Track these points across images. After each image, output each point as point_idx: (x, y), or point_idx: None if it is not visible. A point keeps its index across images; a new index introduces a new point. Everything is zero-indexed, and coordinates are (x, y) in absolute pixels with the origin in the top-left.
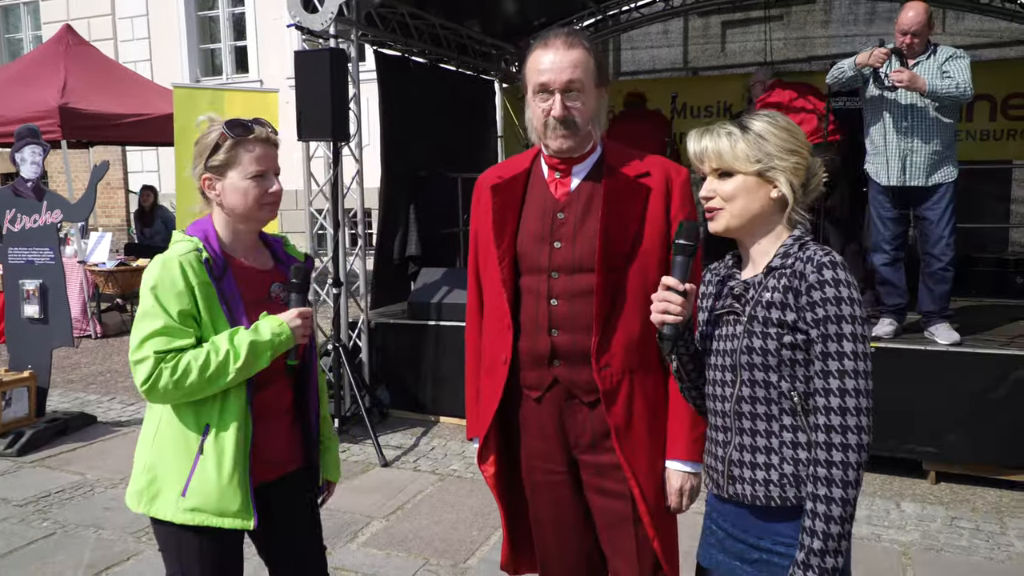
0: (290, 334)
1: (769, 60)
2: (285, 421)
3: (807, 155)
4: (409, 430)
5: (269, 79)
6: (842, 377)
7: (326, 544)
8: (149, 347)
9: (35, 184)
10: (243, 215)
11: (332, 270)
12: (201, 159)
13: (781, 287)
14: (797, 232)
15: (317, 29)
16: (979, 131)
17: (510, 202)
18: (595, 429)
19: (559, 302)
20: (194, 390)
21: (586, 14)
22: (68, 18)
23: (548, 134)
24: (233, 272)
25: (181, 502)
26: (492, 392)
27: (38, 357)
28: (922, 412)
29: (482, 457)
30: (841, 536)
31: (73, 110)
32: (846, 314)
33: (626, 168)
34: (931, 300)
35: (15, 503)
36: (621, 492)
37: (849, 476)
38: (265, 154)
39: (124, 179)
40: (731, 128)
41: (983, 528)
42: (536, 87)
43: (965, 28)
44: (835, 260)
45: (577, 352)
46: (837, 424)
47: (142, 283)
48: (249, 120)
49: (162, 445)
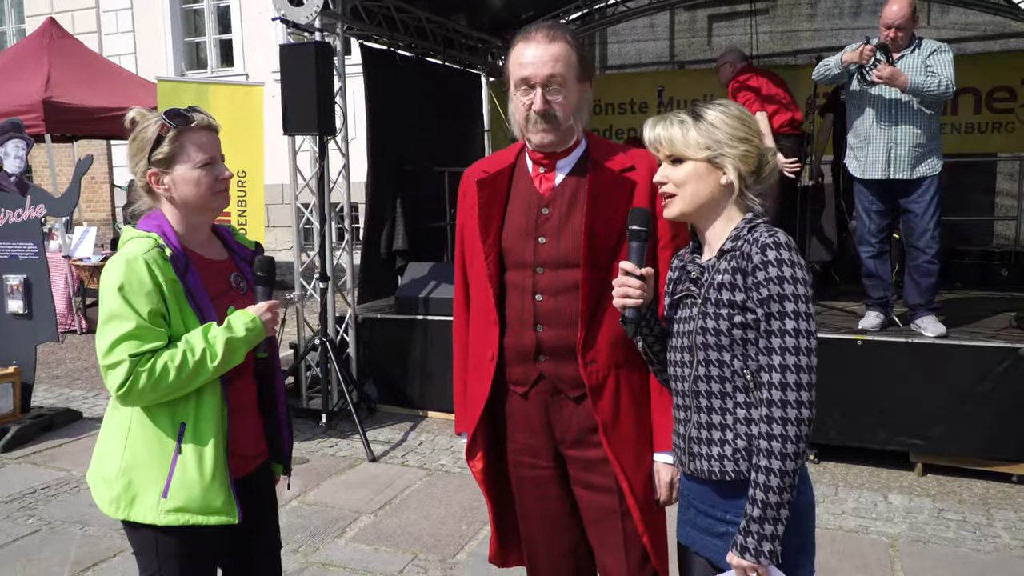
0: (262, 327)
1: (755, 54)
2: (252, 414)
3: (757, 143)
4: (397, 425)
5: (254, 72)
6: (783, 354)
7: (315, 539)
8: (122, 351)
9: (18, 179)
10: (198, 206)
11: (319, 265)
12: (143, 154)
13: (731, 268)
14: (750, 215)
15: (302, 23)
16: (964, 124)
17: (495, 197)
18: (581, 424)
19: (544, 297)
20: (171, 391)
21: (572, 7)
22: (52, 11)
23: (530, 128)
24: (195, 266)
25: (163, 503)
26: (480, 388)
27: (22, 353)
28: (909, 404)
29: (470, 453)
30: (780, 505)
31: (57, 104)
32: (788, 293)
33: (610, 162)
34: (917, 293)
35: (0, 500)
36: (608, 486)
37: (788, 449)
38: (209, 141)
39: (109, 173)
40: (684, 116)
41: (970, 520)
42: (518, 81)
43: (950, 22)
44: (779, 240)
45: (562, 348)
46: (778, 399)
47: (104, 283)
48: (186, 108)
49: (135, 448)
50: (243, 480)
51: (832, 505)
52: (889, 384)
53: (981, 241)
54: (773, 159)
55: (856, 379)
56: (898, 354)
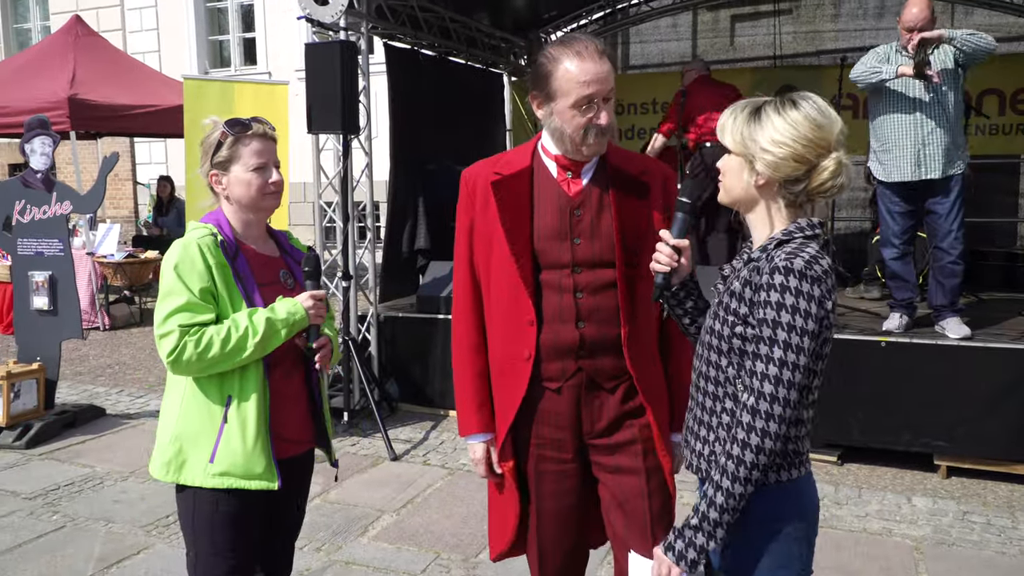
0: (304, 314)
1: (778, 54)
2: (299, 401)
3: (806, 155)
4: (418, 424)
5: (277, 71)
6: (762, 380)
7: (338, 538)
8: (173, 321)
9: (44, 175)
10: (249, 205)
11: (341, 263)
12: (207, 157)
13: (743, 279)
14: (792, 227)
15: (327, 22)
16: (988, 125)
17: (519, 199)
18: (611, 414)
19: (584, 295)
20: (216, 362)
21: (596, 7)
22: (77, 8)
23: (588, 140)
24: (245, 255)
25: (209, 468)
26: (513, 389)
27: (47, 349)
28: (933, 406)
29: (503, 455)
30: (717, 524)
31: (82, 101)
32: (784, 321)
33: (628, 166)
34: (941, 294)
35: (24, 496)
36: (635, 467)
37: (740, 472)
38: (264, 148)
39: (132, 170)
40: (750, 107)
41: (994, 522)
42: (581, 99)
43: (974, 23)
44: (791, 266)
45: (604, 342)
46: (746, 421)
47: (163, 264)
48: (247, 119)
49: (188, 416)
50: (284, 461)
51: (856, 507)
52: (913, 386)
53: (1005, 243)
54: (835, 167)
55: (880, 381)
56: (922, 356)
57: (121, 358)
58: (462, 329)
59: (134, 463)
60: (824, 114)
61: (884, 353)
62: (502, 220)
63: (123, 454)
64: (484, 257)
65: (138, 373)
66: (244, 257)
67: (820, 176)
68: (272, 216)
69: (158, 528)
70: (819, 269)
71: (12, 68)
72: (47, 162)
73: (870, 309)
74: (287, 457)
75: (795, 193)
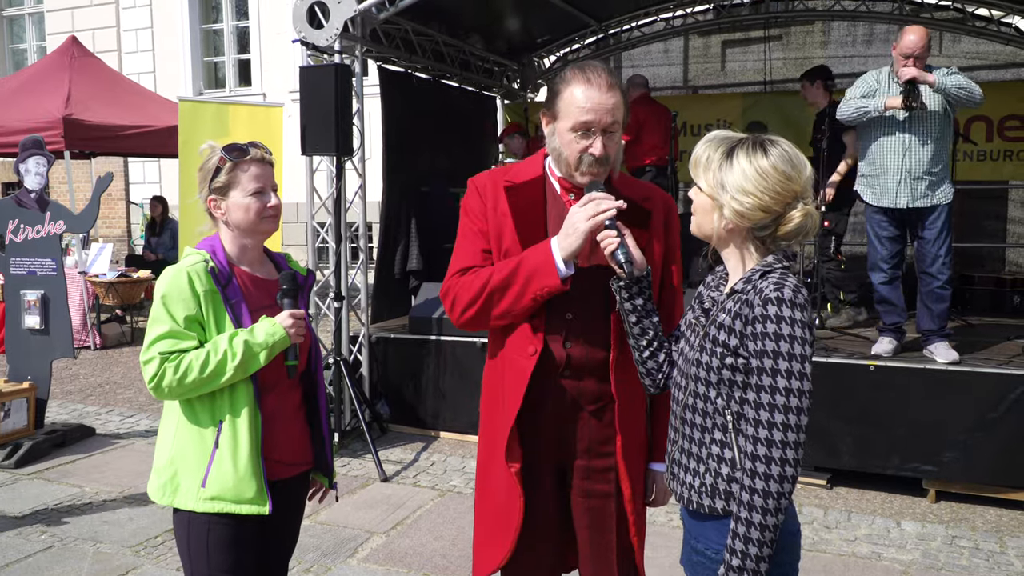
0: (284, 334)
1: (768, 79)
2: (295, 423)
3: (773, 207)
4: (408, 445)
5: (272, 92)
6: (772, 411)
7: (327, 559)
8: (155, 349)
9: (38, 195)
10: (247, 229)
11: (333, 284)
12: (205, 183)
13: (733, 312)
14: (770, 259)
15: (322, 45)
16: (976, 152)
17: (535, 208)
18: (592, 436)
19: (574, 316)
20: (196, 386)
21: (588, 32)
22: (73, 29)
23: (581, 168)
24: (238, 280)
25: (201, 492)
26: (517, 384)
27: (38, 368)
28: (922, 430)
29: (510, 454)
30: (759, 558)
31: (77, 121)
32: (784, 351)
33: (631, 193)
34: (929, 319)
35: (12, 516)
36: (607, 492)
37: (769, 504)
38: (261, 172)
39: (125, 190)
40: (724, 146)
41: (983, 547)
42: (577, 124)
43: (962, 51)
44: (782, 296)
45: (589, 364)
46: (763, 454)
47: (155, 292)
48: (245, 143)
49: (182, 441)
50: (278, 483)
51: (845, 531)
52: (902, 410)
53: (993, 268)
54: (802, 218)
55: (869, 405)
56: (911, 380)
57: (112, 377)
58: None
59: (123, 483)
60: (793, 163)
61: (873, 377)
62: (515, 222)
63: (112, 474)
64: (495, 254)
65: (128, 393)
66: (237, 282)
67: (787, 226)
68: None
69: (147, 549)
70: (803, 297)
71: (8, 88)
72: (41, 182)
73: (859, 333)
74: (282, 479)
75: (762, 238)
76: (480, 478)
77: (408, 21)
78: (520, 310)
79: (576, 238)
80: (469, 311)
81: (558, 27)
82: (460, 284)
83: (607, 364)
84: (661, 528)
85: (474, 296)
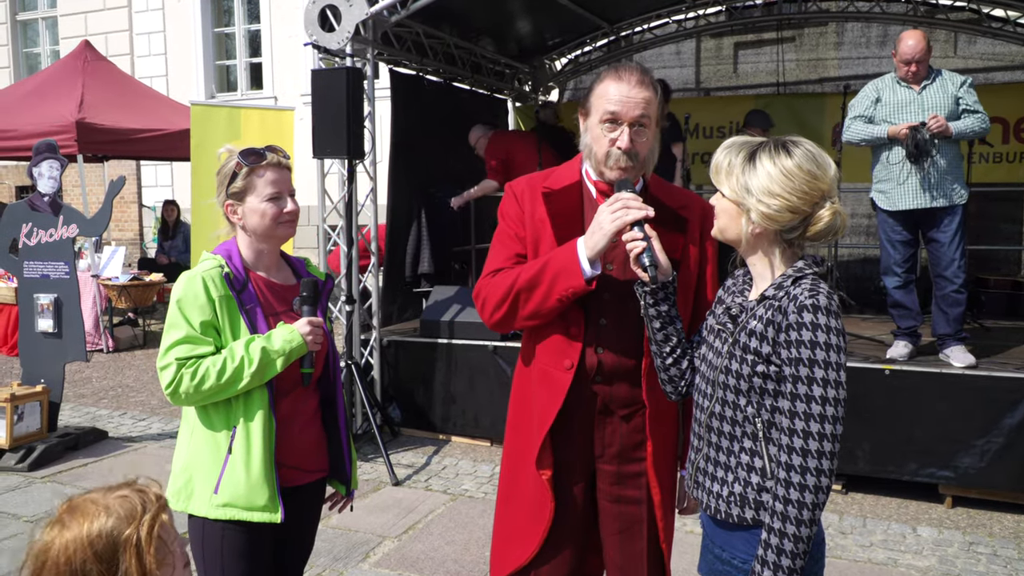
0: (301, 341)
1: (781, 81)
2: (311, 429)
3: (801, 207)
4: (420, 448)
5: (283, 96)
6: (807, 419)
7: (339, 563)
8: (172, 355)
9: (52, 199)
10: (264, 234)
11: (345, 287)
12: (222, 188)
13: (766, 319)
14: (800, 264)
15: (334, 48)
16: (992, 154)
17: (571, 213)
18: (624, 441)
19: (607, 322)
20: (213, 392)
21: (599, 34)
22: (86, 33)
23: (609, 163)
24: (254, 286)
25: (214, 499)
26: (552, 396)
27: (51, 371)
28: (938, 435)
29: (541, 461)
30: (792, 570)
31: (90, 125)
32: (819, 359)
33: (668, 200)
34: (945, 323)
35: (26, 519)
36: (638, 498)
37: (804, 515)
38: (278, 177)
39: (138, 194)
40: (744, 150)
41: (1000, 553)
42: (605, 114)
43: (977, 52)
44: (818, 303)
45: (620, 370)
46: (797, 464)
47: (171, 297)
48: (262, 148)
49: (197, 448)
50: (293, 490)
51: (860, 537)
52: (918, 414)
53: (1009, 271)
54: (831, 217)
55: (884, 409)
56: (927, 384)
57: (124, 380)
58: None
59: None
60: (818, 162)
61: (888, 381)
62: (554, 229)
63: (124, 478)
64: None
65: (141, 396)
66: (253, 288)
67: (816, 226)
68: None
69: None
70: (836, 304)
71: (22, 92)
72: (54, 185)
73: (874, 337)
74: (297, 486)
75: (790, 240)
76: (506, 482)
77: (419, 24)
78: (548, 311)
79: (601, 236)
80: (498, 312)
81: (569, 29)
82: (490, 284)
83: (639, 370)
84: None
85: (502, 296)
